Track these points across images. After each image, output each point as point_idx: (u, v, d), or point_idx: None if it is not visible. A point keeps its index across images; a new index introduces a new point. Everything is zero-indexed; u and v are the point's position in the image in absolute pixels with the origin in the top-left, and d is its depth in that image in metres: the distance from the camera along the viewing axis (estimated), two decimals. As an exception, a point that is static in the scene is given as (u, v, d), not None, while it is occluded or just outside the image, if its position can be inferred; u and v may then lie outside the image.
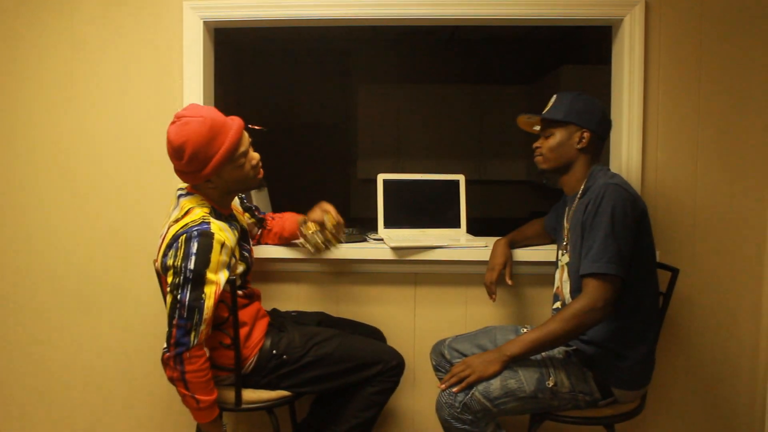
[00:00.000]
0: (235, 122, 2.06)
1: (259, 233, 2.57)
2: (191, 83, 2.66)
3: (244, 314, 2.15)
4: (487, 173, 6.78)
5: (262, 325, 2.22)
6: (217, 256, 1.94)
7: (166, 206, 2.17)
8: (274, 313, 2.44)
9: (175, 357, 1.89)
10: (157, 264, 2.03)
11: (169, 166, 2.20)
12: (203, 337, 1.92)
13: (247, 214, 2.47)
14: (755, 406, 2.69)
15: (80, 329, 2.77)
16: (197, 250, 1.90)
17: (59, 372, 2.79)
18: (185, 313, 1.89)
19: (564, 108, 2.19)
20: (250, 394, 2.14)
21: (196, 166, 2.00)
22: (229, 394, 2.11)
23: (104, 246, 2.74)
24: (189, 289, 1.89)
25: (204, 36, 2.68)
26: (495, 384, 1.99)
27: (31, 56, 2.70)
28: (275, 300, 2.65)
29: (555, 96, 2.25)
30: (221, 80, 2.89)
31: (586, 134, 2.16)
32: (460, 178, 2.76)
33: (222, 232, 1.98)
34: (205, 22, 2.66)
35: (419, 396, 2.70)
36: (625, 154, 2.63)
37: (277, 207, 2.95)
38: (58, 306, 2.77)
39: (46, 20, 2.69)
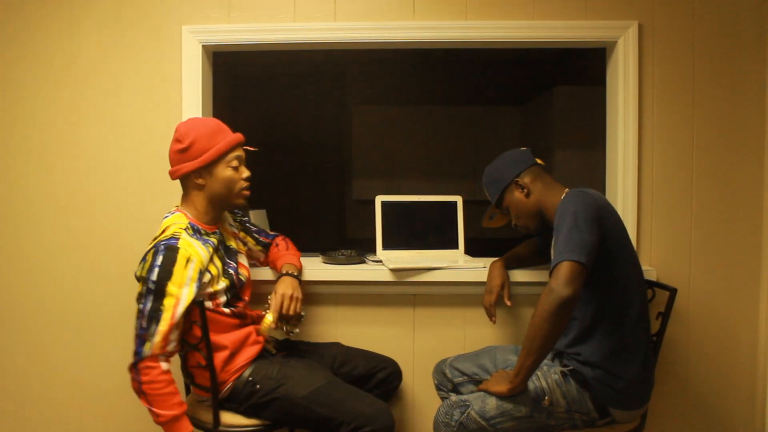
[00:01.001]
0: (237, 133, 2.16)
1: (264, 258, 2.58)
2: (190, 106, 2.68)
3: (227, 338, 2.13)
4: (482, 194, 6.76)
5: (249, 352, 2.18)
6: (181, 269, 1.97)
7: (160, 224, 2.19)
8: (284, 342, 2.43)
9: (133, 366, 1.96)
10: None
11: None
12: (158, 351, 1.95)
13: (251, 240, 2.48)
14: (754, 424, 2.69)
15: (78, 351, 2.76)
16: (161, 262, 1.96)
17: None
18: (144, 323, 1.95)
19: (491, 187, 2.35)
20: (229, 418, 2.14)
21: (194, 152, 2.08)
22: (209, 415, 2.13)
23: (99, 266, 2.74)
24: (150, 299, 1.95)
25: (203, 59, 2.70)
26: (491, 404, 2.00)
27: (30, 75, 2.72)
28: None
29: (484, 185, 2.40)
30: (218, 102, 2.91)
31: (520, 182, 2.26)
32: (458, 199, 2.78)
33: (191, 248, 2.02)
34: (203, 46, 2.69)
35: (418, 415, 2.69)
36: (621, 173, 2.66)
37: (275, 227, 2.96)
38: (57, 328, 2.76)
39: (45, 41, 2.71)
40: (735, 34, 2.65)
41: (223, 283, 2.12)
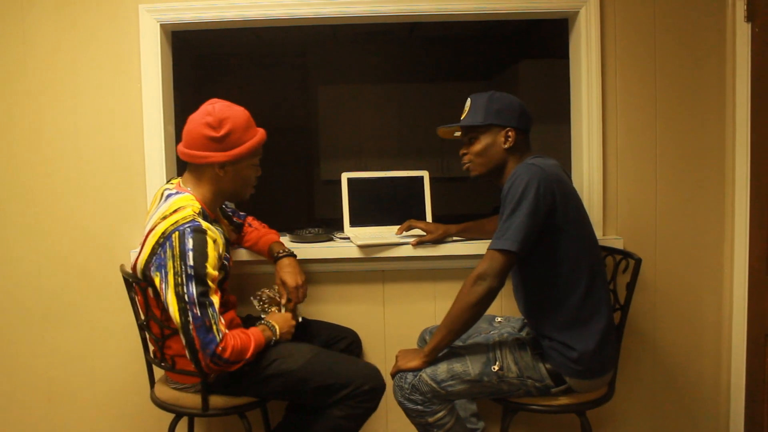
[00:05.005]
0: (261, 129, 2.20)
1: (235, 238, 2.56)
2: (150, 86, 2.63)
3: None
4: (450, 171, 6.81)
5: None
6: (212, 251, 1.95)
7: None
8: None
9: (212, 359, 1.88)
10: (139, 262, 2.00)
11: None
12: (224, 328, 1.92)
13: (226, 222, 2.46)
14: (720, 388, 2.75)
15: (44, 344, 2.71)
16: (193, 246, 1.90)
17: (23, 387, 2.73)
18: (198, 311, 1.87)
19: (481, 111, 2.17)
20: (216, 400, 2.12)
21: (228, 144, 2.05)
22: (196, 400, 2.10)
23: (63, 255, 2.69)
24: (193, 284, 1.87)
25: (161, 39, 2.64)
26: (442, 367, 2.07)
27: (-18, 63, 2.64)
28: (243, 301, 2.62)
29: (469, 100, 2.24)
30: (179, 84, 2.86)
31: (510, 133, 2.15)
32: (424, 174, 2.77)
33: (213, 231, 1.99)
34: (161, 25, 2.63)
35: (391, 391, 2.69)
36: (586, 144, 2.67)
37: (241, 208, 2.93)
38: (20, 321, 2.71)
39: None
40: (695, 2, 2.66)
41: (221, 274, 2.08)
